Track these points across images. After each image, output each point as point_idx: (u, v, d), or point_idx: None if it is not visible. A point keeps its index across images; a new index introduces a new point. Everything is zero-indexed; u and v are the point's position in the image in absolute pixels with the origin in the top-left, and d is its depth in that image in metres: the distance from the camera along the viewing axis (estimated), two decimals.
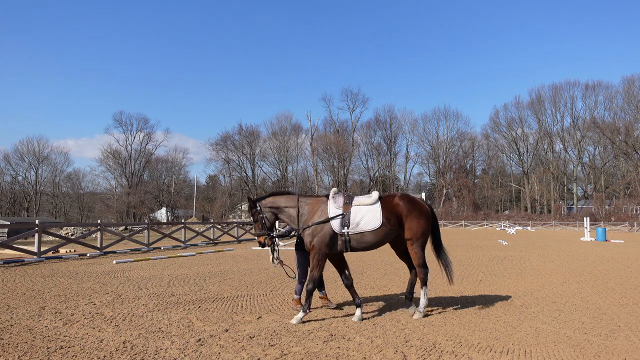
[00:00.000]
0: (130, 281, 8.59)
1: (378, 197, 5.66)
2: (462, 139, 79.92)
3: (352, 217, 5.44)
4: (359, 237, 5.47)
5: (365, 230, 5.44)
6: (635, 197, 60.15)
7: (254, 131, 78.88)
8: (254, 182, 77.74)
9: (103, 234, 15.12)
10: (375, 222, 5.45)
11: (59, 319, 5.38)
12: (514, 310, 6.03)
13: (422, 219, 5.67)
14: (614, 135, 64.64)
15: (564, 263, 12.41)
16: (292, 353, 4.08)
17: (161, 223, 28.27)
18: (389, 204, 5.64)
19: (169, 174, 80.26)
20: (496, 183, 79.68)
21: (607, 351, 4.22)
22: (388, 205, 5.62)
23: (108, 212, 71.82)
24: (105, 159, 76.47)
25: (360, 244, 5.50)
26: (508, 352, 4.17)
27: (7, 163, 73.49)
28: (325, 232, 5.42)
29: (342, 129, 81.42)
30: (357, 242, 5.49)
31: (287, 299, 6.88)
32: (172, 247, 17.74)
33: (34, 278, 8.93)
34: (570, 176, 72.20)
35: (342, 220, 5.43)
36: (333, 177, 75.71)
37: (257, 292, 7.42)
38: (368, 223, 5.44)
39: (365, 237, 5.47)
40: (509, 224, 51.94)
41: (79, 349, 4.18)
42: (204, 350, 4.16)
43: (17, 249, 12.94)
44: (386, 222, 5.50)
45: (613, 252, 16.75)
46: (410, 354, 4.09)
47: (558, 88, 72.24)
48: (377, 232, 5.48)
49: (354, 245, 5.50)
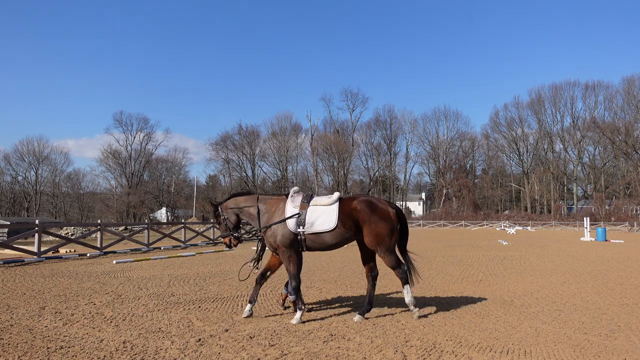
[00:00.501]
0: (130, 281, 8.59)
1: (337, 199, 5.58)
2: (462, 139, 79.95)
3: (308, 217, 5.43)
4: (314, 237, 5.47)
5: (319, 231, 5.43)
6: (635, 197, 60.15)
7: (254, 131, 79.01)
8: (254, 182, 77.75)
9: (103, 234, 15.12)
10: (330, 223, 5.40)
11: (59, 319, 5.38)
12: (514, 310, 6.03)
13: (383, 223, 5.46)
14: (614, 135, 64.63)
15: (564, 263, 12.41)
16: (292, 353, 4.08)
17: (161, 223, 28.27)
18: (347, 207, 5.52)
19: (169, 174, 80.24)
20: (496, 183, 79.68)
21: (607, 351, 4.22)
22: (346, 208, 5.50)
23: (108, 212, 71.81)
24: (105, 159, 76.51)
25: (315, 244, 5.50)
26: (508, 352, 4.17)
27: (7, 163, 73.52)
28: (285, 231, 5.47)
29: (342, 129, 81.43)
30: (313, 242, 5.49)
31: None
32: (172, 247, 17.75)
33: (34, 278, 8.93)
34: (570, 176, 72.20)
35: (297, 219, 5.44)
36: (333, 177, 75.74)
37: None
38: (322, 224, 5.41)
39: (320, 237, 5.46)
40: (509, 224, 51.92)
41: (79, 349, 4.18)
42: (204, 350, 4.16)
43: (17, 249, 12.94)
44: (341, 224, 5.41)
45: (613, 252, 16.75)
46: (410, 354, 4.09)
47: (558, 88, 72.26)
48: (332, 234, 5.43)
49: (310, 245, 5.51)
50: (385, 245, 5.46)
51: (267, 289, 7.75)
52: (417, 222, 66.40)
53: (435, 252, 16.02)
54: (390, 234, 5.48)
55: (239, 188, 77.22)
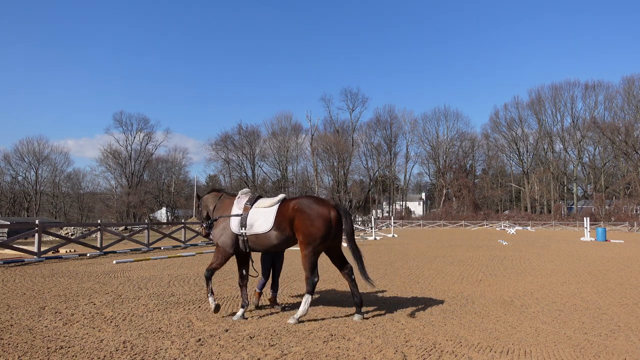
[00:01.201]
0: (130, 281, 8.59)
1: (279, 200, 5.62)
2: (462, 139, 79.98)
3: (249, 219, 5.53)
4: (254, 238, 5.53)
5: (257, 233, 5.49)
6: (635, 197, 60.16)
7: (254, 131, 79.00)
8: (254, 182, 77.73)
9: (103, 234, 15.12)
10: (266, 225, 5.44)
11: (59, 319, 5.38)
12: (514, 310, 6.03)
13: (315, 224, 5.23)
14: (614, 135, 64.64)
15: (564, 263, 12.41)
16: (292, 353, 4.08)
17: (161, 223, 28.26)
18: (285, 208, 5.47)
19: (169, 174, 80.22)
20: (496, 183, 79.69)
21: (607, 351, 4.22)
22: (283, 209, 5.47)
23: (108, 212, 71.80)
24: (105, 159, 76.55)
25: (257, 245, 5.58)
26: (508, 352, 4.17)
27: (7, 163, 73.58)
28: (228, 231, 5.63)
29: (342, 129, 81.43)
30: (254, 243, 5.57)
31: (287, 299, 6.89)
32: (172, 247, 17.75)
33: (34, 278, 8.92)
34: (570, 176, 72.20)
35: (240, 220, 5.56)
36: (333, 177, 75.73)
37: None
38: (260, 226, 5.47)
39: (260, 239, 5.51)
40: (509, 224, 51.91)
41: (79, 349, 4.18)
42: (204, 350, 4.16)
43: (17, 249, 12.94)
44: (276, 226, 5.41)
45: (613, 252, 16.75)
46: (410, 354, 4.09)
47: (558, 88, 72.31)
48: (268, 235, 5.45)
49: (252, 246, 5.61)
50: (313, 246, 5.27)
51: (267, 288, 7.73)
52: (417, 222, 66.39)
53: (435, 252, 16.02)
54: (320, 235, 5.25)
55: (239, 188, 77.11)
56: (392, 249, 17.43)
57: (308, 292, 5.32)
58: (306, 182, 77.78)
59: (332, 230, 5.37)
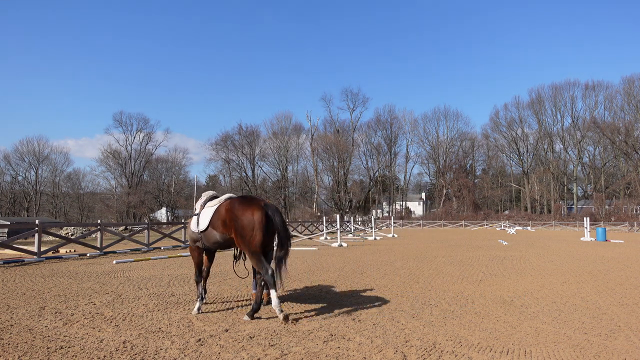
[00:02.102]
0: (130, 281, 8.59)
1: (220, 201, 5.81)
2: (462, 139, 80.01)
3: (200, 219, 5.86)
4: (204, 236, 5.81)
5: (202, 231, 5.79)
6: (635, 197, 60.18)
7: (254, 131, 78.96)
8: (254, 182, 77.75)
9: (103, 234, 15.12)
10: (203, 224, 5.76)
11: (59, 319, 5.38)
12: (514, 310, 6.02)
13: (244, 224, 5.28)
14: (614, 135, 64.66)
15: (564, 263, 12.41)
16: (292, 353, 4.08)
17: (161, 223, 28.26)
18: (221, 207, 5.64)
19: (169, 174, 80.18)
20: (496, 183, 79.70)
21: (607, 351, 4.22)
22: (220, 209, 5.64)
23: (108, 212, 71.79)
24: (105, 159, 76.51)
25: (208, 243, 5.82)
26: (508, 352, 4.17)
27: (7, 163, 73.56)
28: (190, 230, 6.10)
29: (342, 129, 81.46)
30: (206, 241, 5.83)
31: (287, 299, 6.89)
32: (172, 247, 17.74)
33: (34, 278, 8.93)
34: (570, 176, 72.20)
35: (196, 220, 5.93)
36: (333, 177, 75.71)
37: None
38: (201, 225, 5.80)
39: (207, 237, 5.78)
40: (509, 224, 51.93)
41: (79, 349, 4.18)
42: (204, 350, 4.16)
43: (17, 249, 12.94)
44: (211, 226, 5.67)
45: (613, 252, 16.75)
46: (410, 354, 4.09)
47: (558, 88, 72.35)
48: (208, 234, 5.74)
49: (206, 244, 5.87)
50: (247, 247, 5.30)
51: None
52: (417, 222, 66.41)
53: (435, 252, 16.02)
54: (252, 235, 5.25)
55: (239, 188, 77.28)
56: (392, 249, 17.43)
57: (272, 287, 5.23)
58: (306, 182, 77.83)
59: (259, 230, 5.28)
